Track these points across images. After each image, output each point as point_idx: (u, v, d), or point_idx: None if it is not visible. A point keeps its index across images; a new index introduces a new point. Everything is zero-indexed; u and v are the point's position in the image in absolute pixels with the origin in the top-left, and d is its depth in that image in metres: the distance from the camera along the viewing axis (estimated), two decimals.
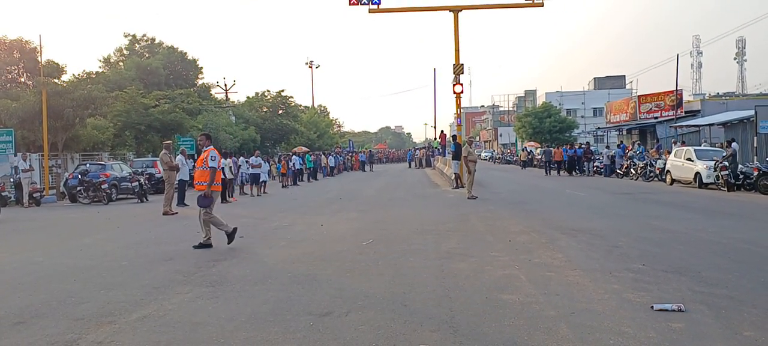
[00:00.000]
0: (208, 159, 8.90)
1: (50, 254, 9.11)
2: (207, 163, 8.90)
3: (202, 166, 9.02)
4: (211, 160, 8.89)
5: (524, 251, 7.85)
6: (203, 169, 8.95)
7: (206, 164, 8.90)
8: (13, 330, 4.89)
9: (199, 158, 9.29)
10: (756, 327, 4.35)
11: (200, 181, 8.97)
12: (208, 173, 8.86)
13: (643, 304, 5.01)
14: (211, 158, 8.91)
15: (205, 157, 8.98)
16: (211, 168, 8.86)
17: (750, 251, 7.64)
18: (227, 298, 5.75)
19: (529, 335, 4.28)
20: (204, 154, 9.08)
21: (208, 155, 8.95)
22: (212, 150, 9.04)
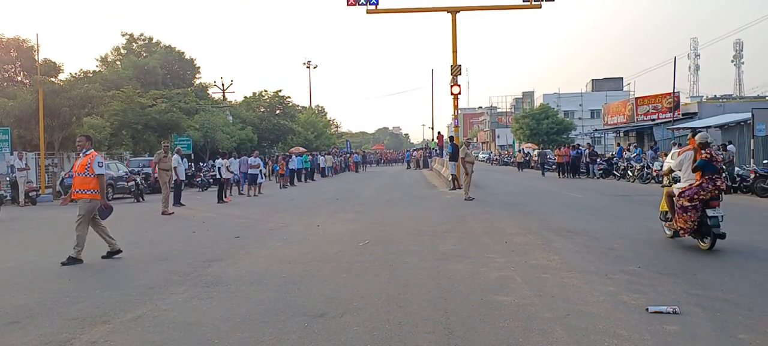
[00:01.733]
0: (95, 165, 7.99)
1: (45, 254, 9.08)
2: (92, 169, 7.98)
3: (83, 172, 8.01)
4: (98, 167, 8.02)
5: (520, 252, 7.85)
6: (85, 175, 7.99)
7: (90, 171, 7.98)
8: (7, 330, 4.87)
9: (80, 163, 8.17)
10: (750, 330, 4.35)
11: (81, 188, 8.03)
12: (95, 181, 7.98)
13: (638, 306, 5.02)
14: (98, 164, 8.04)
15: (88, 162, 8.02)
16: (100, 175, 8.01)
17: (745, 253, 7.65)
18: (222, 298, 5.74)
19: (524, 337, 4.28)
20: (85, 159, 8.09)
21: (92, 160, 8.03)
22: (97, 155, 8.19)
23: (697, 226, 7.91)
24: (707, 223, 7.74)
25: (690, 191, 7.92)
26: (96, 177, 7.98)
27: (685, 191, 8.01)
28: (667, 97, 35.70)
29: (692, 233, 7.99)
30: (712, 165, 7.93)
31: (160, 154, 15.80)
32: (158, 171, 15.81)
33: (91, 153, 8.18)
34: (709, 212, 7.77)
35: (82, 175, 8.02)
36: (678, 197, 8.20)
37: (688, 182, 8.09)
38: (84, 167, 8.02)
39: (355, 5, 21.85)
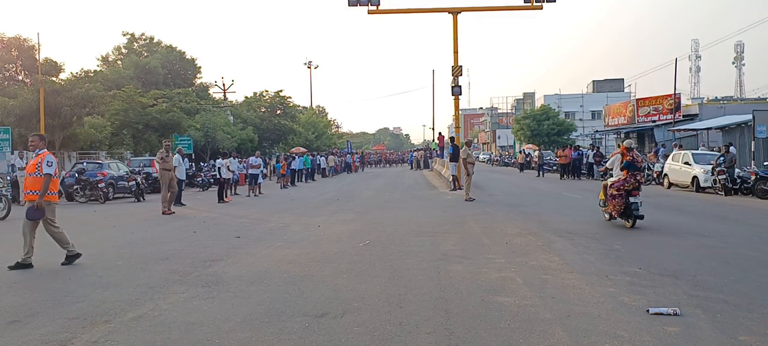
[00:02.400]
0: (44, 164, 7.72)
1: (45, 253, 9.08)
2: (41, 169, 7.73)
3: (34, 172, 7.80)
4: (47, 166, 7.72)
5: (520, 253, 7.84)
6: (36, 175, 7.76)
7: (40, 170, 7.73)
8: (8, 329, 4.87)
9: (31, 163, 8.02)
10: (751, 332, 4.35)
11: (32, 189, 7.81)
12: (42, 181, 7.69)
13: (638, 307, 5.01)
14: (48, 163, 7.74)
15: (39, 162, 7.78)
16: (46, 175, 7.67)
17: (746, 255, 7.65)
18: (223, 298, 5.74)
19: (525, 338, 4.28)
20: (37, 158, 7.85)
21: (42, 160, 7.77)
22: (48, 155, 7.89)
23: (624, 210, 10.37)
24: (630, 207, 10.21)
25: (618, 184, 10.49)
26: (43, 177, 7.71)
27: (615, 183, 10.56)
28: (668, 98, 35.69)
29: (620, 215, 10.48)
30: (635, 165, 10.52)
31: (162, 153, 15.79)
32: (159, 171, 15.80)
33: (43, 153, 7.96)
34: (631, 199, 10.29)
35: (33, 175, 7.85)
36: (610, 188, 10.74)
37: (617, 177, 10.62)
38: (35, 167, 7.85)
39: (356, 6, 21.86)
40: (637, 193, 10.36)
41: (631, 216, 10.23)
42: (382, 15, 23.46)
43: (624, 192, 10.34)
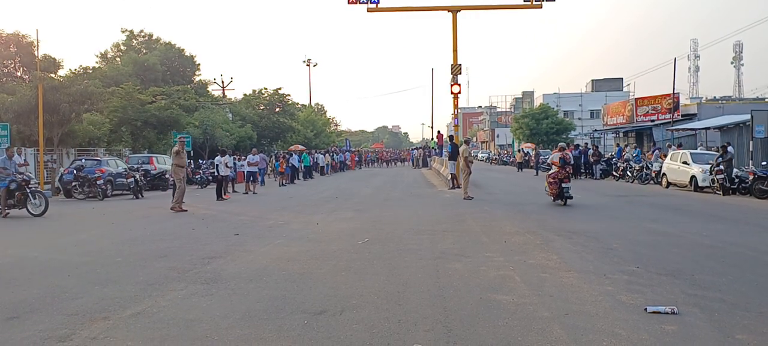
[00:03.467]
0: None
1: (44, 249, 9.10)
2: None
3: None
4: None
5: (519, 252, 7.86)
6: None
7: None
8: (7, 325, 4.88)
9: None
10: (748, 330, 4.37)
11: None
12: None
13: (636, 306, 5.03)
14: None
15: None
16: None
17: (743, 254, 7.67)
18: (221, 295, 5.75)
19: (523, 336, 4.29)
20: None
21: None
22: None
23: (558, 193, 14.36)
24: (563, 191, 14.27)
25: (553, 174, 14.57)
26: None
27: (551, 174, 14.72)
28: (667, 98, 35.72)
29: (556, 197, 14.52)
30: (565, 160, 14.58)
31: (177, 149, 15.72)
32: (173, 167, 15.73)
33: None
34: (563, 185, 14.30)
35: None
36: (548, 177, 14.93)
37: (554, 169, 14.65)
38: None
39: (355, 3, 21.85)
40: (568, 181, 14.47)
41: (563, 197, 14.34)
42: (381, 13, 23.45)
43: (557, 180, 14.35)
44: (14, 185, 13.68)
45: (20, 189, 13.76)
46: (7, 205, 13.74)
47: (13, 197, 13.80)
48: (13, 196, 13.80)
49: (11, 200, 13.80)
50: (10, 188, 13.68)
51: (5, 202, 13.70)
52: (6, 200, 13.71)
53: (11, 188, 13.70)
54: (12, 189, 13.74)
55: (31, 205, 13.88)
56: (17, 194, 13.76)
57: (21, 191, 13.72)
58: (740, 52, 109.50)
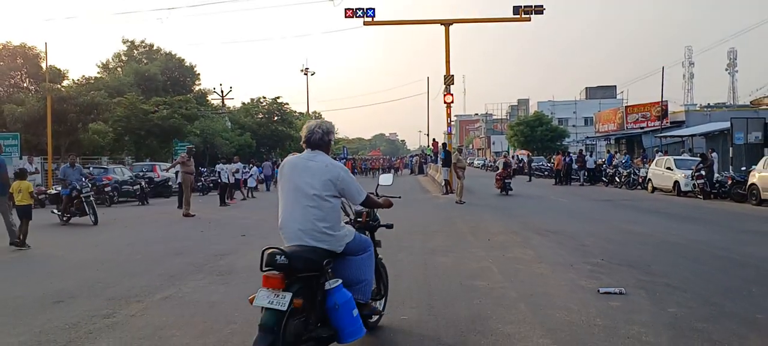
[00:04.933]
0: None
1: (68, 249, 9.93)
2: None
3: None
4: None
5: (500, 248, 8.73)
6: None
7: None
8: (56, 307, 5.71)
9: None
10: (680, 305, 5.24)
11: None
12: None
13: (592, 289, 5.90)
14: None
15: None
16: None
17: (701, 250, 8.55)
18: (236, 284, 6.59)
19: (492, 311, 5.16)
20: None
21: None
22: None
23: (502, 187, 21.20)
24: (506, 185, 21.25)
25: (499, 173, 22.19)
26: None
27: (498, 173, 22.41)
28: (656, 106, 36.71)
29: (501, 189, 21.34)
30: (506, 164, 22.68)
31: (184, 157, 16.47)
32: (182, 174, 16.45)
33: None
34: (506, 181, 21.41)
35: None
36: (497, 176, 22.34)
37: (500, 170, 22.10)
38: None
39: (352, 17, 22.79)
40: (509, 179, 22.02)
41: (506, 189, 21.34)
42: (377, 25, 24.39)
43: (501, 178, 21.74)
44: (74, 193, 13.76)
45: (77, 197, 13.74)
46: (68, 212, 13.79)
47: (73, 204, 13.80)
48: (73, 204, 13.80)
49: (72, 208, 13.78)
50: (71, 196, 13.77)
51: (66, 208, 13.79)
52: (67, 207, 13.78)
53: (72, 196, 13.77)
54: (73, 197, 13.77)
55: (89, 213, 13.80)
56: (75, 201, 13.75)
57: (78, 200, 13.73)
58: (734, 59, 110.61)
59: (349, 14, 22.74)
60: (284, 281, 3.46)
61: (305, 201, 3.80)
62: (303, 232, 3.76)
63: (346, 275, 3.91)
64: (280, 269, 3.49)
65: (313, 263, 3.63)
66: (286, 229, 3.90)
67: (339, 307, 3.62)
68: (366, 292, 4.08)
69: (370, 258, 4.23)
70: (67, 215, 13.87)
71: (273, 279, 3.46)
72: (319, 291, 3.65)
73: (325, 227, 3.76)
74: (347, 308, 3.65)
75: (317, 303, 3.64)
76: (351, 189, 3.95)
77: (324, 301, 3.67)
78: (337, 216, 3.93)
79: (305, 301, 3.48)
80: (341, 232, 3.90)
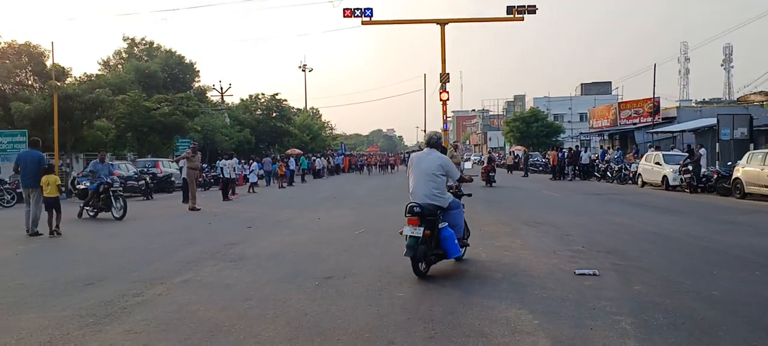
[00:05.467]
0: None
1: (86, 240, 10.58)
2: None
3: None
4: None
5: (490, 237, 9.40)
6: None
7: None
8: (88, 288, 6.35)
9: None
10: (644, 284, 5.91)
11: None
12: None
13: (569, 271, 6.57)
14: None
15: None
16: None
17: (676, 238, 9.23)
18: (248, 269, 7.25)
19: (478, 289, 5.83)
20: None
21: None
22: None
23: (487, 179, 24.67)
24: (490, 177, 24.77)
25: (484, 167, 25.94)
26: None
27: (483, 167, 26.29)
28: (648, 102, 37.41)
29: (486, 181, 24.65)
30: (490, 159, 27.24)
31: (188, 153, 17.13)
32: (187, 170, 17.12)
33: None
34: (490, 174, 24.94)
35: None
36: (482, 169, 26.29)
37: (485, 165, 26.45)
38: None
39: (350, 17, 23.42)
40: (493, 173, 25.27)
41: (490, 181, 24.53)
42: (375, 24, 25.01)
43: (486, 171, 25.05)
44: (101, 188, 13.97)
45: (104, 192, 13.97)
46: (95, 206, 14.02)
47: (99, 199, 14.02)
48: (99, 198, 14.02)
49: (98, 203, 14.01)
50: (98, 190, 13.98)
51: (92, 203, 14.01)
52: (94, 201, 14.01)
53: (99, 190, 13.98)
54: (99, 192, 13.98)
55: (114, 208, 14.00)
56: (102, 196, 13.97)
57: (105, 194, 13.96)
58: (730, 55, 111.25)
59: (347, 14, 23.38)
60: (419, 221, 6.29)
61: (426, 178, 6.58)
62: (426, 196, 6.51)
63: (449, 220, 6.66)
64: (415, 215, 6.37)
65: (432, 212, 6.43)
66: (416, 194, 6.63)
67: (446, 238, 6.46)
68: (459, 232, 6.81)
69: (460, 212, 6.98)
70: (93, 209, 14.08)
71: (413, 220, 6.36)
72: (435, 228, 6.43)
73: (437, 193, 6.55)
74: (451, 239, 6.49)
75: (435, 235, 6.41)
76: (451, 172, 6.79)
77: (438, 234, 6.46)
78: (443, 187, 6.71)
79: (430, 233, 6.31)
80: (445, 196, 6.67)
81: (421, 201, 6.49)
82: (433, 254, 6.43)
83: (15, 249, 9.47)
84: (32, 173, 11.21)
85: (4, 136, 22.32)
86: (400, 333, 4.45)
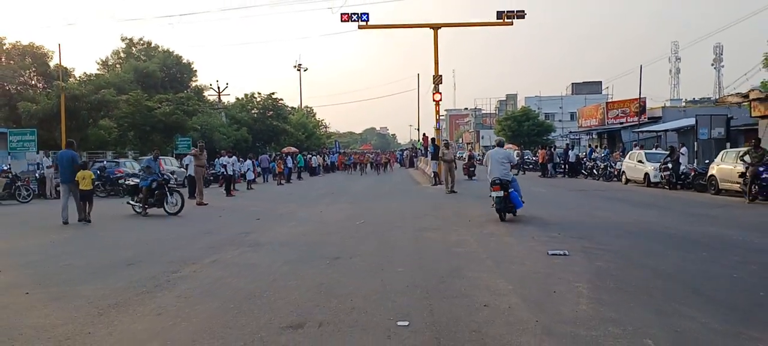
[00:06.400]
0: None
1: (113, 230, 11.58)
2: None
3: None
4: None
5: (478, 226, 10.49)
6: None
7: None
8: (131, 268, 7.36)
9: None
10: (606, 261, 7.00)
11: None
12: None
13: (544, 252, 7.65)
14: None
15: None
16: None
17: (645, 228, 10.32)
18: (265, 252, 8.29)
19: (466, 265, 6.90)
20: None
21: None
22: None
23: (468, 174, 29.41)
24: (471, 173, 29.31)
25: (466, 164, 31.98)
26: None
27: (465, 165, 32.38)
28: (635, 102, 38.60)
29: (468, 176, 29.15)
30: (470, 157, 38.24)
31: (196, 152, 18.13)
32: (194, 167, 18.11)
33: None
34: (471, 169, 29.87)
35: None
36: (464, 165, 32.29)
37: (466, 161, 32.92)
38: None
39: (348, 21, 24.45)
40: (473, 168, 29.71)
41: (470, 175, 28.28)
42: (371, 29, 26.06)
43: (467, 167, 30.11)
44: (155, 185, 14.32)
45: (160, 188, 14.33)
46: (147, 203, 14.37)
47: (153, 195, 14.38)
48: (153, 195, 14.37)
49: (151, 199, 14.38)
50: (151, 186, 14.34)
51: (145, 200, 14.36)
52: (147, 198, 14.35)
53: (152, 186, 14.35)
54: (153, 188, 14.33)
55: (168, 204, 14.35)
56: (156, 192, 14.35)
57: (160, 190, 14.34)
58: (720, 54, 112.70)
59: (344, 19, 24.41)
60: (499, 188, 11.22)
61: (499, 165, 11.69)
62: (501, 174, 11.45)
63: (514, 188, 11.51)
64: (497, 185, 11.31)
65: (505, 183, 11.32)
66: (493, 173, 11.53)
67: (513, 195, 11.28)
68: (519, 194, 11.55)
69: (517, 184, 11.89)
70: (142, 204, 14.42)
71: (496, 187, 11.27)
72: (507, 192, 11.21)
73: (505, 172, 11.58)
74: (516, 198, 11.35)
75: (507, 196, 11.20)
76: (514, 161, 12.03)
77: (509, 194, 11.22)
78: (509, 168, 11.89)
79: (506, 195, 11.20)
80: (510, 174, 11.83)
81: (500, 176, 11.36)
82: (507, 207, 11.26)
83: (49, 238, 10.47)
84: (68, 170, 12.35)
85: (15, 135, 23.21)
86: (401, 296, 5.50)
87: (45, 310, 5.38)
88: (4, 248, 9.48)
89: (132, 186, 15.30)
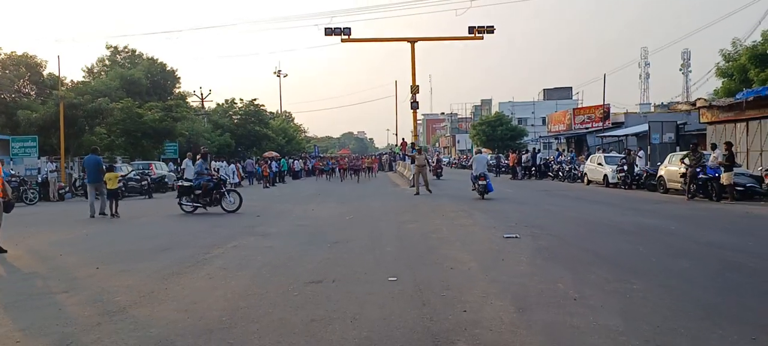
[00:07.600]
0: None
1: (127, 229, 13.23)
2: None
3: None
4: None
5: (450, 219, 12.42)
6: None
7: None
8: (166, 252, 9.07)
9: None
10: (547, 241, 8.97)
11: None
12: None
13: (500, 236, 9.59)
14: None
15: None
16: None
17: (589, 219, 12.35)
18: (275, 240, 10.07)
19: (439, 246, 8.81)
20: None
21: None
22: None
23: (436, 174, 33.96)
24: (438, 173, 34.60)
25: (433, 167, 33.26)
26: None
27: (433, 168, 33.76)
28: (600, 108, 41.12)
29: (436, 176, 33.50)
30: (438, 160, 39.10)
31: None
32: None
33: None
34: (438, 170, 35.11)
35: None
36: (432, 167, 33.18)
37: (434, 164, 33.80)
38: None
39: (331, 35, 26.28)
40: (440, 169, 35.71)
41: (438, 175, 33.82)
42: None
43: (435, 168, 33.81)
44: (211, 185, 15.33)
45: (216, 188, 15.39)
46: (202, 202, 15.38)
47: (209, 195, 15.31)
48: (210, 194, 15.31)
49: (207, 198, 15.34)
50: (208, 186, 15.29)
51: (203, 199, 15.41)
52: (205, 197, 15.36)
53: (209, 186, 15.29)
54: (210, 188, 15.29)
55: (225, 202, 15.51)
56: (214, 193, 15.39)
57: (217, 190, 15.40)
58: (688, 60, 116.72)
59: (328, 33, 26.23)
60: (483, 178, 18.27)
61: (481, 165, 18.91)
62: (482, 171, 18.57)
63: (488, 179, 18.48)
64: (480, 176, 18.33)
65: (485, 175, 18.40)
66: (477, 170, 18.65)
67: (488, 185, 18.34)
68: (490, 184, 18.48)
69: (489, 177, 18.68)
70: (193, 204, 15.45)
71: (482, 178, 18.25)
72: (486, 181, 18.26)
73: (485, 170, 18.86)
74: (490, 186, 18.41)
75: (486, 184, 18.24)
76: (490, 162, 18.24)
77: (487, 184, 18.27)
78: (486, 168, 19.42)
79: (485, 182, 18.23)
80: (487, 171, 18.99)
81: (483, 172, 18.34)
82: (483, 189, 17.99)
83: (84, 230, 12.11)
84: (95, 172, 14.12)
85: (17, 141, 24.55)
86: (390, 266, 7.37)
87: (120, 278, 7.10)
88: (53, 239, 11.08)
89: (185, 187, 15.92)
